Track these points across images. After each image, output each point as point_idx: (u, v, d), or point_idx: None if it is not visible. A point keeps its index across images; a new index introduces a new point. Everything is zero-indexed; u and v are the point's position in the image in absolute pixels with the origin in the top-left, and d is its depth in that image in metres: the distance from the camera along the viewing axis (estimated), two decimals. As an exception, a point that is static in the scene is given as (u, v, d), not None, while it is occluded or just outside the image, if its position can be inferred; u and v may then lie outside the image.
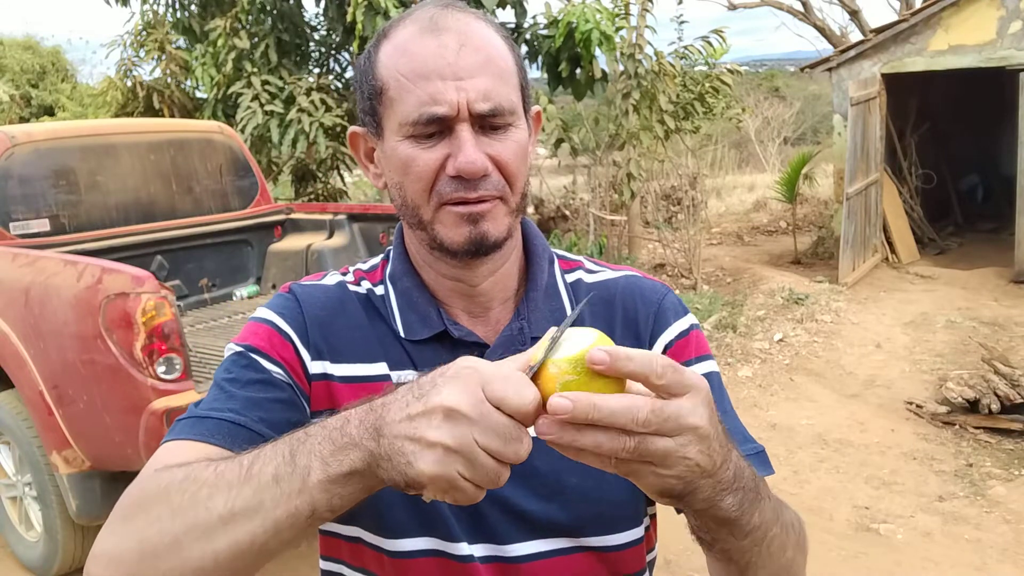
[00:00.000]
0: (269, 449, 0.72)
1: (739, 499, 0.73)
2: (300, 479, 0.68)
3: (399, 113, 0.86)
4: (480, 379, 0.64)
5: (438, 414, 0.63)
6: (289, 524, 0.69)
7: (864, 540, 3.56)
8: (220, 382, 0.89)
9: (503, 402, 0.63)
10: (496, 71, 0.86)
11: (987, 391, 4.65)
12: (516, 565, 0.90)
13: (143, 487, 0.77)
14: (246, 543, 0.69)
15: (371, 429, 0.67)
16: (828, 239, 9.25)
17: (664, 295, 1.00)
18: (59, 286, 2.97)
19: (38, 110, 16.31)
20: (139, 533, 0.73)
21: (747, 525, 0.75)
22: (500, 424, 0.63)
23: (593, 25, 6.12)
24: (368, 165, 0.96)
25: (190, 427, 0.84)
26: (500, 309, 0.96)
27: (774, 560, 0.81)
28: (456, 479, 0.63)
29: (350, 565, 0.94)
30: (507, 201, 0.89)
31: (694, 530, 0.79)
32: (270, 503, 0.69)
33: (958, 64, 8.11)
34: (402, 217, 0.93)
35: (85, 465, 3.05)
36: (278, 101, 6.53)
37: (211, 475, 0.72)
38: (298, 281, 0.99)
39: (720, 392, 0.95)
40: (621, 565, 0.94)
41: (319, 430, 0.70)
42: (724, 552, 0.79)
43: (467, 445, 0.62)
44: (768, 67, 26.65)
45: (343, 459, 0.67)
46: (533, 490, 0.89)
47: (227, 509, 0.70)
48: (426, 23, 0.86)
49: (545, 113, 6.63)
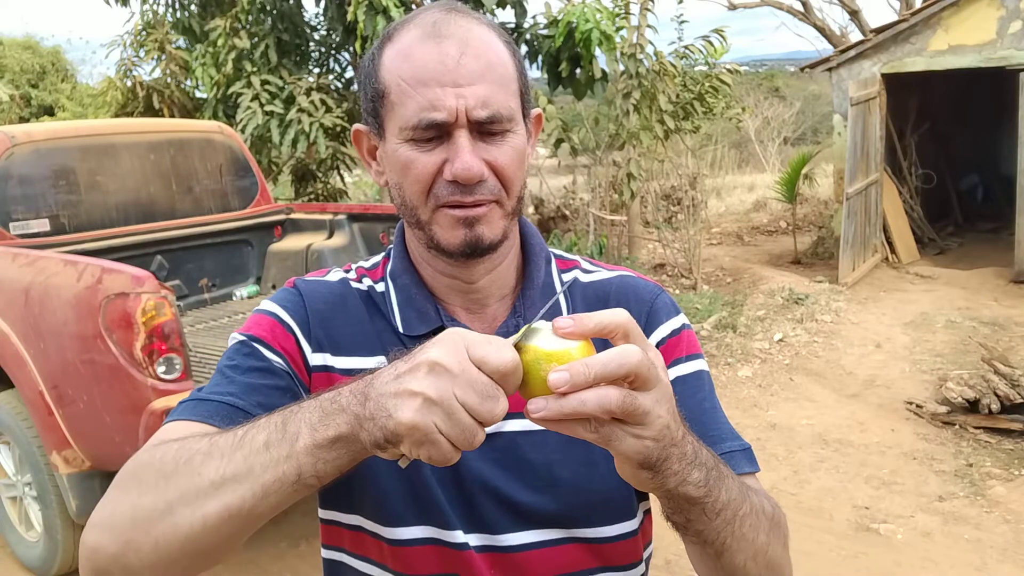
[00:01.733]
0: (263, 420, 0.75)
1: (704, 475, 0.76)
2: (288, 444, 0.71)
3: (400, 117, 0.88)
4: (465, 341, 0.68)
5: (423, 367, 0.67)
6: (276, 488, 0.72)
7: (864, 540, 3.56)
8: (222, 368, 0.92)
9: (483, 361, 0.66)
10: (496, 78, 0.87)
11: (987, 391, 4.65)
12: (509, 555, 0.92)
13: (139, 460, 0.80)
14: (235, 507, 0.72)
15: (359, 395, 0.70)
16: (828, 239, 9.25)
17: (657, 295, 1.03)
18: (59, 286, 2.97)
19: (38, 110, 16.32)
20: (133, 501, 0.76)
21: (716, 503, 0.78)
22: (479, 381, 0.66)
23: (593, 25, 6.12)
24: (371, 162, 0.98)
25: (191, 408, 0.87)
26: (497, 306, 0.99)
27: (748, 542, 0.82)
28: (432, 430, 0.66)
29: (351, 553, 0.96)
30: (503, 205, 0.91)
31: (668, 515, 0.81)
32: (259, 468, 0.72)
33: (958, 64, 8.11)
34: (402, 216, 0.95)
35: (85, 465, 3.05)
36: (278, 101, 6.53)
37: (205, 444, 0.76)
38: (302, 277, 1.03)
39: (710, 391, 0.98)
40: (613, 557, 0.95)
41: (312, 401, 0.74)
42: (699, 534, 0.81)
43: (447, 397, 0.65)
44: (768, 67, 26.64)
45: (330, 424, 0.71)
46: (526, 482, 0.92)
47: (218, 475, 0.73)
48: (429, 28, 0.87)
49: (545, 113, 6.62)
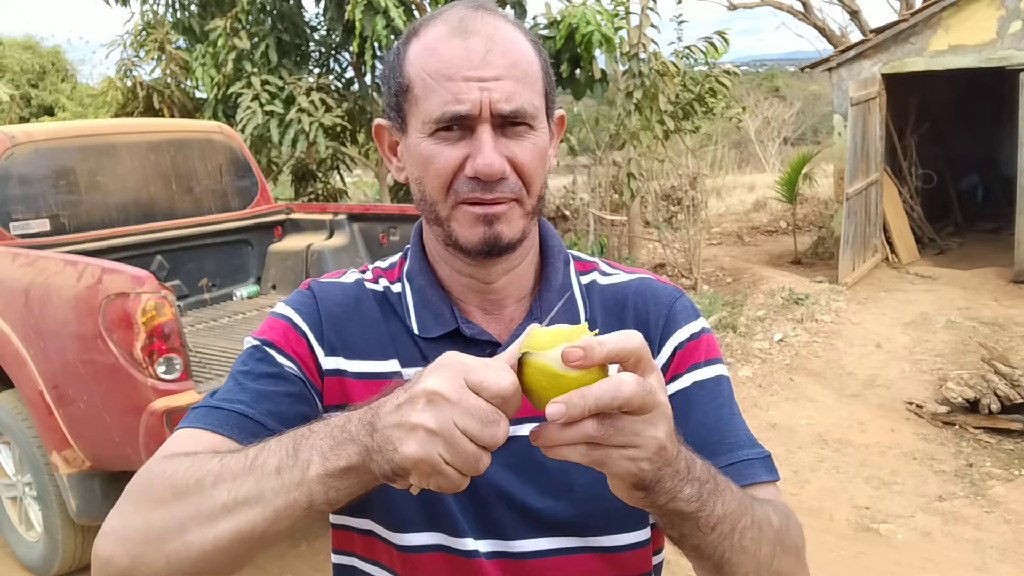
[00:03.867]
0: (274, 443, 0.75)
1: (696, 490, 0.74)
2: (300, 472, 0.71)
3: (423, 111, 0.87)
4: (462, 367, 0.67)
5: (421, 399, 0.66)
6: (288, 514, 0.72)
7: (864, 540, 3.56)
8: (235, 374, 0.92)
9: (482, 386, 0.65)
10: (520, 74, 0.87)
11: (987, 391, 4.65)
12: (522, 561, 0.91)
13: (151, 471, 0.80)
14: (247, 530, 0.73)
15: (367, 425, 0.70)
16: (828, 239, 9.25)
17: (676, 298, 1.00)
18: (59, 286, 2.97)
19: (38, 110, 16.31)
20: (146, 516, 0.77)
21: (711, 517, 0.76)
22: (478, 407, 0.65)
23: (594, 27, 6.12)
24: (391, 158, 0.97)
25: (202, 416, 0.88)
26: (514, 308, 0.97)
27: (749, 555, 0.80)
28: (438, 462, 0.65)
29: (363, 558, 0.96)
30: (523, 203, 0.90)
31: (663, 529, 0.80)
32: (271, 493, 0.72)
33: (958, 64, 8.11)
34: (421, 212, 0.94)
35: (85, 465, 3.05)
36: (278, 101, 6.53)
37: (216, 465, 0.76)
38: (318, 278, 1.02)
39: (728, 397, 0.96)
40: (627, 566, 0.94)
41: (323, 427, 0.74)
42: (695, 548, 0.79)
43: (447, 427, 0.65)
44: (768, 67, 26.65)
45: (340, 454, 0.70)
46: (541, 487, 0.90)
47: (231, 497, 0.73)
48: (455, 24, 0.87)
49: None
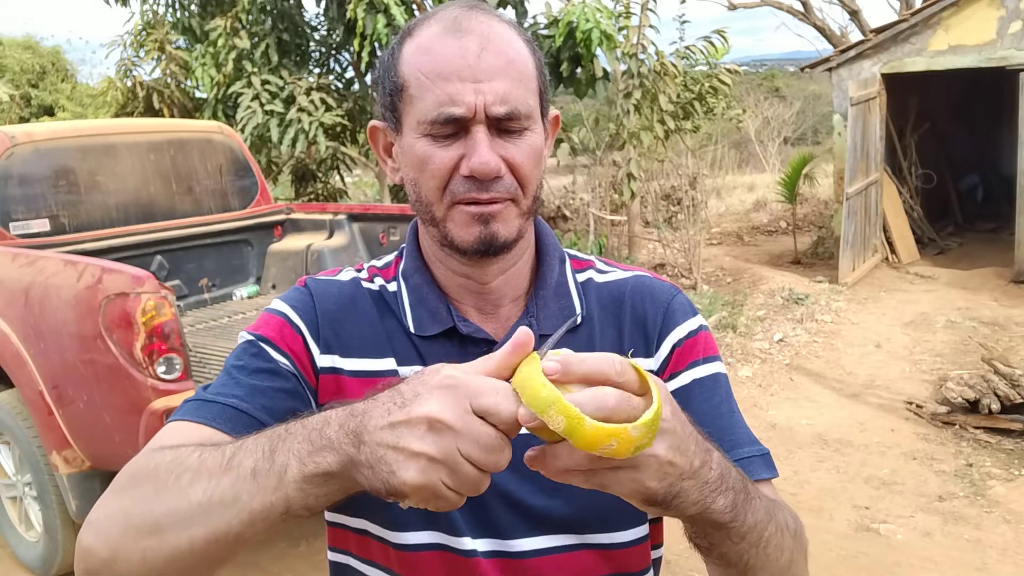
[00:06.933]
0: (251, 442, 0.73)
1: (731, 500, 0.73)
2: (277, 476, 0.69)
3: (418, 111, 0.86)
4: (467, 391, 0.65)
5: (422, 424, 0.64)
6: (263, 517, 0.70)
7: (864, 540, 3.56)
8: (229, 368, 0.91)
9: (490, 413, 0.64)
10: (515, 75, 0.86)
11: (987, 391, 4.64)
12: (520, 560, 0.90)
13: (136, 464, 0.79)
14: (222, 532, 0.71)
15: (351, 434, 0.68)
16: (828, 239, 9.25)
17: (673, 296, 1.00)
18: (59, 286, 2.97)
19: (38, 110, 16.32)
20: (126, 510, 0.75)
21: (743, 527, 0.75)
22: (484, 435, 0.64)
23: (594, 25, 6.12)
24: (386, 159, 0.97)
25: (195, 410, 0.86)
26: (510, 307, 0.97)
27: (772, 561, 0.80)
28: (439, 488, 0.64)
29: (357, 556, 0.95)
30: (519, 203, 0.89)
31: (691, 537, 0.79)
32: (246, 496, 0.70)
33: (958, 64, 8.11)
34: (416, 213, 0.94)
35: (85, 465, 3.05)
36: (278, 101, 6.53)
37: (194, 461, 0.74)
38: (314, 276, 1.02)
39: (727, 394, 0.96)
40: (625, 563, 0.94)
41: (299, 428, 0.71)
42: (722, 557, 0.79)
43: (451, 456, 0.63)
44: (768, 67, 26.62)
45: (320, 461, 0.68)
46: (539, 485, 0.89)
47: (205, 498, 0.71)
48: (450, 23, 0.87)
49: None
